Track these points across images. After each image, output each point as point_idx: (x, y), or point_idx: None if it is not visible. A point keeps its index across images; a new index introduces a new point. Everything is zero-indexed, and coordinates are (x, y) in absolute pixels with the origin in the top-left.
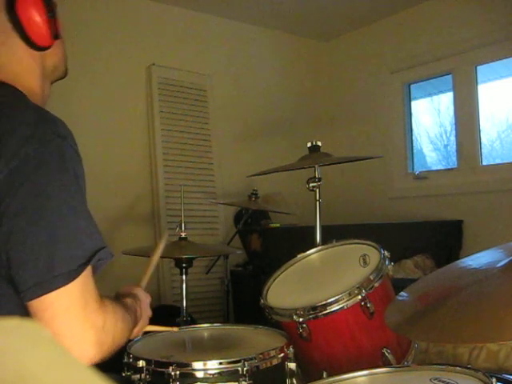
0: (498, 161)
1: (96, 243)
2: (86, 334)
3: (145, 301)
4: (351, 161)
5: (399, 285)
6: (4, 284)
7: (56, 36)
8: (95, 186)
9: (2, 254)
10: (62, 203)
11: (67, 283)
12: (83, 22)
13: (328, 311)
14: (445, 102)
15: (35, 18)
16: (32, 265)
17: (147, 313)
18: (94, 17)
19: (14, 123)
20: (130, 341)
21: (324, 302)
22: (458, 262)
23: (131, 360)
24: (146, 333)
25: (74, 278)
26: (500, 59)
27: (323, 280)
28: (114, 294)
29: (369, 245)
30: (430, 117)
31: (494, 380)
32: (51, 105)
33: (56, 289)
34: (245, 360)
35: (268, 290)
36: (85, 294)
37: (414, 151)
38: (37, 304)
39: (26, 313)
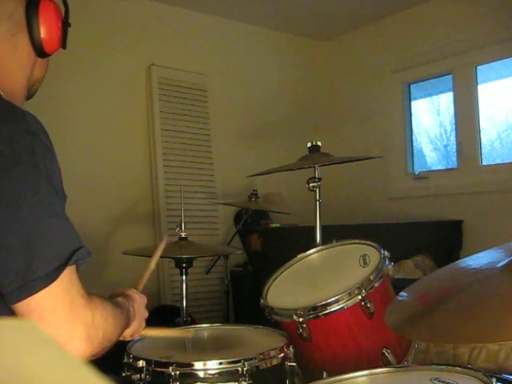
0: (498, 161)
1: (73, 243)
2: (75, 330)
3: (139, 301)
4: (351, 161)
5: (399, 285)
6: None
7: (63, 46)
8: (95, 187)
9: None
10: (36, 205)
11: (48, 284)
12: (83, 22)
13: (328, 311)
14: (445, 101)
15: (53, 22)
16: (10, 269)
17: (142, 313)
18: (94, 17)
19: None
20: (129, 341)
21: (324, 302)
22: (457, 262)
23: (131, 360)
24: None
25: (54, 279)
26: (500, 59)
27: (323, 280)
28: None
29: (369, 245)
30: (430, 117)
31: (494, 380)
32: (51, 104)
33: (37, 291)
34: (245, 360)
35: (268, 289)
36: (70, 292)
37: (414, 151)
38: (22, 306)
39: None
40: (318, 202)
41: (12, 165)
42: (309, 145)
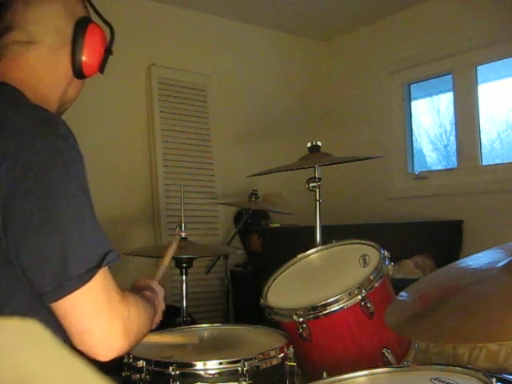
0: (497, 161)
1: (104, 246)
2: (114, 325)
3: (160, 294)
4: (351, 161)
5: (399, 285)
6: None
7: (101, 71)
8: (95, 186)
9: (13, 259)
10: (69, 207)
11: (83, 285)
12: None
13: (328, 311)
14: (445, 101)
15: (96, 47)
16: (48, 269)
17: (162, 306)
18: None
19: (14, 125)
20: None
21: (324, 302)
22: (457, 262)
23: (131, 360)
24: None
25: (88, 280)
26: (500, 59)
27: (323, 280)
28: (130, 286)
29: (369, 245)
30: (430, 117)
31: (494, 380)
32: None
33: (72, 291)
34: (245, 360)
35: (268, 289)
36: (106, 290)
37: (414, 151)
38: (63, 305)
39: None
40: (317, 202)
41: (46, 169)
42: (309, 145)
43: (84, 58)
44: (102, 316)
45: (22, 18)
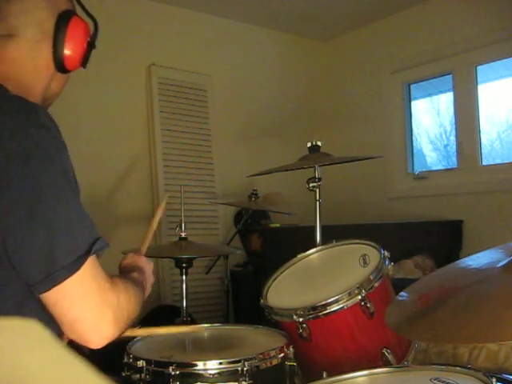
0: (497, 161)
1: (91, 234)
2: (105, 313)
3: (148, 270)
4: (351, 161)
5: (399, 285)
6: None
7: (83, 65)
8: (95, 186)
9: (1, 252)
10: (54, 197)
11: (72, 274)
12: None
13: (328, 311)
14: (445, 101)
15: (78, 41)
16: (36, 260)
17: (151, 281)
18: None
19: None
20: (129, 341)
21: (324, 302)
22: (457, 262)
23: (131, 360)
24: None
25: (77, 269)
26: (500, 59)
27: (323, 280)
28: (118, 266)
29: (369, 245)
30: (430, 117)
31: (494, 380)
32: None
33: (62, 280)
34: (245, 360)
35: (268, 289)
36: (96, 278)
37: (414, 151)
38: (53, 294)
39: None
40: (318, 202)
41: (28, 160)
42: (309, 145)
43: (66, 52)
44: (92, 304)
45: (4, 10)
